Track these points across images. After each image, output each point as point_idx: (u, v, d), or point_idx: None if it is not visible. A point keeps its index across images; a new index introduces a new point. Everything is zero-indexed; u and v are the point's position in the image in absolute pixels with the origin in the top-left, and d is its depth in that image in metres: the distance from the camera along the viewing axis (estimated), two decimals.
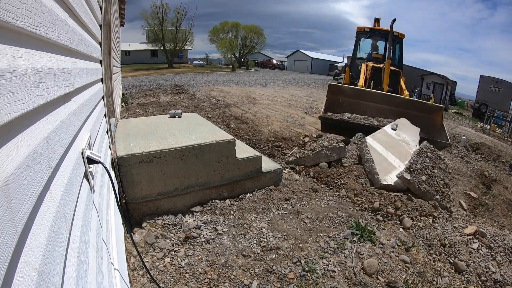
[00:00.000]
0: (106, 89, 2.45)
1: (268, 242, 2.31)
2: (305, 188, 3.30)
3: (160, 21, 31.76)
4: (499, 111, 13.42)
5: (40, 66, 0.68)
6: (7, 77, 0.49)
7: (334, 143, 4.02)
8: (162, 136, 2.83)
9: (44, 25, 0.71)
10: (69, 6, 1.08)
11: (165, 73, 23.36)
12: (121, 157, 2.30)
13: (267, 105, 8.47)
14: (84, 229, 0.99)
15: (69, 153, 0.93)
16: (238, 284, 1.90)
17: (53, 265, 0.63)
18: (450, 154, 5.46)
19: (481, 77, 17.09)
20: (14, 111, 0.50)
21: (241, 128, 5.27)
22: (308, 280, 1.98)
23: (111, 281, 1.32)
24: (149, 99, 9.04)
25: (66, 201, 0.81)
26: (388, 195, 3.16)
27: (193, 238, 2.29)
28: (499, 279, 2.19)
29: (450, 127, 7.87)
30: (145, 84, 14.23)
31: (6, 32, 0.51)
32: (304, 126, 5.89)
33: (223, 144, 2.78)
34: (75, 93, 1.11)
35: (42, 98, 0.66)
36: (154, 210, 2.56)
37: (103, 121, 2.08)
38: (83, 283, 0.86)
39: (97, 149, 1.52)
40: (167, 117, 3.81)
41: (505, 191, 4.31)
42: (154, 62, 36.17)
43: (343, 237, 2.45)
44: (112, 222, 1.81)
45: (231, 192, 2.97)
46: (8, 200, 0.44)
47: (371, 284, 2.01)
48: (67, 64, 1.00)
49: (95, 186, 1.35)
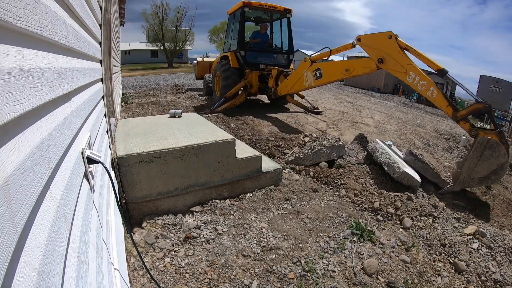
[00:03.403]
0: (106, 89, 2.45)
1: (268, 242, 2.31)
2: (305, 188, 3.30)
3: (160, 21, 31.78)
4: (499, 111, 13.42)
5: (40, 65, 0.68)
6: (7, 77, 0.49)
7: (333, 141, 4.02)
8: (162, 136, 2.83)
9: (44, 24, 0.71)
10: (69, 6, 1.08)
11: (165, 73, 23.36)
12: (121, 157, 2.30)
13: None
14: (84, 229, 0.99)
15: (69, 153, 0.93)
16: (238, 284, 1.90)
17: (53, 265, 0.63)
18: (450, 154, 5.46)
19: (481, 76, 17.10)
20: (14, 111, 0.50)
21: (241, 128, 5.27)
22: (308, 280, 1.98)
23: (111, 281, 1.32)
24: (149, 98, 9.04)
25: (66, 201, 0.81)
26: (388, 195, 3.17)
27: (193, 238, 2.29)
28: (499, 279, 2.19)
29: (450, 126, 7.88)
30: (145, 84, 14.24)
31: (6, 32, 0.51)
32: (304, 126, 5.90)
33: (223, 144, 2.78)
34: (75, 93, 1.10)
35: (42, 97, 0.66)
36: (154, 210, 2.56)
37: (103, 121, 2.08)
38: (83, 283, 0.86)
39: (97, 149, 1.52)
40: (167, 116, 3.81)
41: (505, 191, 4.30)
42: (154, 62, 36.19)
43: (343, 237, 2.45)
44: (112, 222, 1.81)
45: (231, 192, 2.97)
46: (8, 200, 0.44)
47: (371, 284, 2.01)
48: (67, 63, 1.00)
49: (95, 186, 1.35)
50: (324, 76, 5.10)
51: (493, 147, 3.18)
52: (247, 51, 6.82)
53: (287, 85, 5.92)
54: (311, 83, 5.32)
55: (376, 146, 3.93)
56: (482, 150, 3.24)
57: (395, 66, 3.92)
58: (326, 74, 5.07)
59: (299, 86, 5.64)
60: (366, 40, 4.31)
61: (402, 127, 6.70)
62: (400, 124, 7.10)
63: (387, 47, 3.96)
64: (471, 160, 3.36)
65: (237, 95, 6.70)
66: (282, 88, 6.12)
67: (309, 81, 5.34)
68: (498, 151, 3.18)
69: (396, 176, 3.44)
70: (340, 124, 6.33)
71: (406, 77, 3.82)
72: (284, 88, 6.03)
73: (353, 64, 4.68)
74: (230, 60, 6.87)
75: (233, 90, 6.56)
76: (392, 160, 3.56)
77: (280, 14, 7.16)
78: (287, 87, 5.93)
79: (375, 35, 4.20)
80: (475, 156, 3.32)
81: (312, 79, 5.26)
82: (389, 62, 4.00)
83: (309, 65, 5.29)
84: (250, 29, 8.22)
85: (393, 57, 3.92)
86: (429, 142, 5.81)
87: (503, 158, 3.19)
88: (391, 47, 3.92)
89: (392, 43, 3.90)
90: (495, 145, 3.18)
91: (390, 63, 3.98)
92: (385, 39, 4.00)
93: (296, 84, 5.68)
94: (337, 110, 7.72)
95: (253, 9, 6.82)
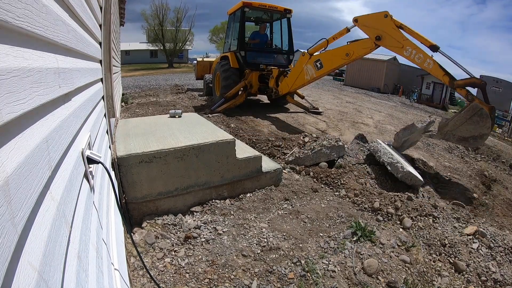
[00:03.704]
0: (106, 89, 2.45)
1: (268, 242, 2.31)
2: (305, 188, 3.30)
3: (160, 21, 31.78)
4: (499, 111, 13.41)
5: (40, 66, 0.68)
6: (7, 77, 0.49)
7: (333, 142, 4.03)
8: (162, 136, 2.83)
9: (44, 25, 0.71)
10: (69, 6, 1.08)
11: (165, 73, 23.36)
12: (121, 157, 2.30)
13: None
14: (84, 229, 0.99)
15: (69, 153, 0.92)
16: (238, 284, 1.90)
17: (53, 265, 0.63)
18: (450, 154, 5.46)
19: (481, 76, 17.09)
20: (14, 111, 0.50)
21: (241, 128, 5.27)
22: (308, 280, 1.98)
23: (111, 281, 1.32)
24: (149, 98, 9.04)
25: (66, 201, 0.81)
26: (388, 195, 3.17)
27: (193, 238, 2.29)
28: (499, 279, 2.19)
29: None
30: (145, 84, 14.24)
31: (6, 32, 0.51)
32: (304, 126, 5.90)
33: (223, 144, 2.78)
34: (75, 93, 1.10)
35: (42, 98, 0.66)
36: (154, 210, 2.56)
37: (103, 121, 2.08)
38: (83, 283, 0.86)
39: (97, 149, 1.52)
40: (167, 117, 3.81)
41: (505, 191, 4.30)
42: (154, 62, 36.19)
43: (343, 237, 2.45)
44: (112, 222, 1.81)
45: (231, 192, 2.97)
46: (8, 200, 0.44)
47: (371, 284, 2.01)
48: (67, 64, 1.00)
49: (95, 186, 1.35)
50: (325, 65, 5.14)
51: (482, 116, 3.49)
52: (247, 51, 6.83)
53: (288, 83, 5.92)
54: (312, 75, 5.34)
55: (378, 146, 3.94)
56: (472, 115, 3.56)
57: (392, 42, 4.14)
58: (326, 63, 5.12)
59: (300, 81, 5.64)
60: (363, 20, 4.46)
61: (402, 127, 6.69)
62: (400, 124, 7.11)
63: (384, 25, 4.15)
64: (459, 118, 3.68)
65: (237, 95, 6.70)
66: (283, 87, 6.12)
67: (310, 73, 5.36)
68: (485, 122, 3.50)
69: (400, 176, 3.45)
70: (340, 124, 6.33)
71: (403, 51, 4.03)
72: (286, 86, 6.02)
73: (352, 47, 4.77)
74: (230, 60, 6.87)
75: (233, 90, 6.56)
76: (395, 160, 3.57)
77: (280, 14, 7.16)
78: (288, 84, 5.93)
79: (372, 15, 4.38)
80: (464, 117, 3.62)
81: (313, 71, 5.29)
82: (386, 39, 4.20)
83: (308, 58, 5.33)
84: (250, 29, 8.22)
85: (390, 34, 4.13)
86: (429, 142, 5.81)
87: (486, 130, 3.53)
88: (388, 25, 4.12)
89: (388, 21, 4.11)
90: (485, 115, 3.47)
91: (387, 40, 4.19)
92: (381, 18, 4.19)
93: (297, 80, 5.69)
94: (337, 110, 7.72)
95: (253, 9, 6.82)
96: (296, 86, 5.95)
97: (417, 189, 3.44)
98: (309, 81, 5.60)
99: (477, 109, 3.50)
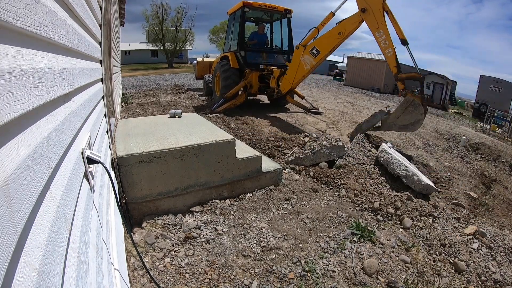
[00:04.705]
0: (106, 89, 2.45)
1: (268, 242, 2.31)
2: (305, 188, 3.29)
3: (160, 21, 31.76)
4: (499, 111, 13.41)
5: (40, 66, 0.68)
6: (7, 77, 0.49)
7: (333, 142, 4.02)
8: (162, 136, 2.83)
9: (44, 25, 0.71)
10: (69, 6, 1.08)
11: (165, 73, 23.35)
12: (121, 157, 2.30)
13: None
14: (84, 229, 0.99)
15: (69, 153, 0.92)
16: (238, 284, 1.90)
17: (53, 265, 0.63)
18: (450, 154, 5.46)
19: (481, 77, 17.10)
20: (14, 111, 0.50)
21: (241, 128, 5.27)
22: (308, 280, 1.98)
23: (111, 281, 1.32)
24: (149, 99, 9.04)
25: (66, 201, 0.81)
26: (388, 195, 3.17)
27: (193, 238, 2.29)
28: (499, 279, 2.19)
29: (450, 127, 7.88)
30: (145, 84, 14.24)
31: (6, 32, 0.51)
32: (304, 126, 5.89)
33: (223, 144, 2.78)
34: (75, 93, 1.10)
35: (42, 98, 0.66)
36: (154, 210, 2.56)
37: (103, 121, 2.08)
38: (83, 283, 0.86)
39: (97, 149, 1.52)
40: (167, 117, 3.81)
41: (505, 191, 4.31)
42: (154, 62, 36.15)
43: (343, 237, 2.45)
44: (112, 222, 1.81)
45: (231, 192, 2.97)
46: (8, 200, 0.44)
47: (371, 284, 2.01)
48: (67, 64, 1.00)
49: (95, 186, 1.35)
50: (321, 50, 5.28)
51: (416, 106, 4.25)
52: (247, 51, 6.83)
53: (289, 79, 5.94)
54: (312, 63, 5.45)
55: (389, 157, 3.84)
56: (407, 106, 4.32)
57: (372, 21, 4.47)
58: (323, 47, 5.27)
59: (301, 73, 5.72)
60: None
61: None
62: None
63: (373, 2, 4.39)
64: (397, 111, 4.48)
65: (237, 95, 6.70)
66: (284, 84, 6.12)
67: (309, 62, 5.48)
68: (418, 110, 4.25)
69: (418, 189, 3.44)
70: (340, 124, 6.32)
71: (376, 32, 4.42)
72: (287, 83, 6.03)
73: (343, 25, 4.94)
74: (230, 60, 6.87)
75: (233, 90, 6.56)
76: (411, 172, 3.53)
77: (280, 14, 7.16)
78: (289, 80, 5.94)
79: None
80: (401, 109, 4.40)
81: (311, 59, 5.42)
82: (369, 15, 4.47)
83: (303, 49, 5.43)
84: (250, 30, 8.22)
85: (374, 12, 4.40)
86: (429, 142, 5.81)
87: (420, 116, 4.27)
88: (376, 4, 4.36)
89: (379, 1, 4.33)
90: (417, 104, 4.24)
91: (370, 16, 4.47)
92: None
93: (297, 73, 5.75)
94: (337, 110, 7.71)
95: (253, 10, 6.82)
96: (297, 80, 5.97)
97: (429, 196, 3.44)
98: (310, 70, 5.68)
99: (410, 101, 4.28)
